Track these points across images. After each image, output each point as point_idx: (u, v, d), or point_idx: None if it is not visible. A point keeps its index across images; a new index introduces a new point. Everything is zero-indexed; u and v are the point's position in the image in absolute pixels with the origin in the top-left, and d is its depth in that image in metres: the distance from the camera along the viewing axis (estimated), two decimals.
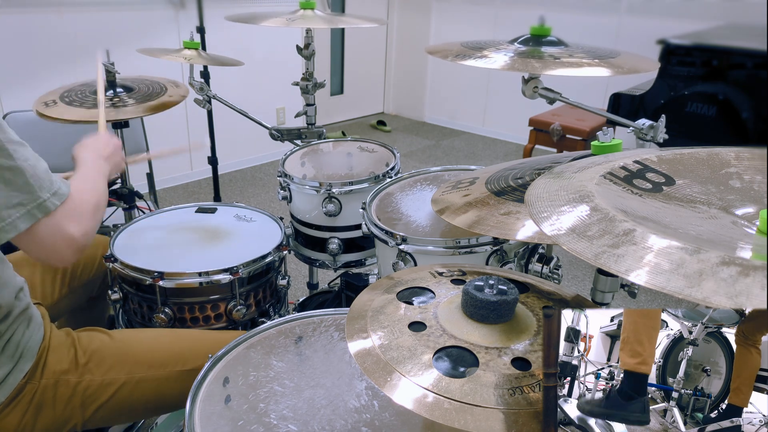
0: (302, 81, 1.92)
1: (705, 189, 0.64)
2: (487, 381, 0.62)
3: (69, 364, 1.04)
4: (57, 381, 1.02)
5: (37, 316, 1.06)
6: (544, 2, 3.67)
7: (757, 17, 2.54)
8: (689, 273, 0.45)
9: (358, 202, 1.39)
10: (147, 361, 1.09)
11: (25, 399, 1.00)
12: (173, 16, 3.52)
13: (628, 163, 0.68)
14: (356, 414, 0.80)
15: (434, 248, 1.15)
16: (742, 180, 0.65)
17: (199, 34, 2.99)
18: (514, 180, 1.03)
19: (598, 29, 4.10)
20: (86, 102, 1.53)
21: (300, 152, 1.74)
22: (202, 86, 1.88)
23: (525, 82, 1.10)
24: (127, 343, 1.12)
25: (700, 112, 2.41)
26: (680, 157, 0.69)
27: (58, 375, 1.03)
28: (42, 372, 1.02)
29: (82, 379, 1.04)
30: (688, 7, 3.69)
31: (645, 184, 0.64)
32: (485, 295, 0.69)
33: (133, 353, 1.09)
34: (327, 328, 1.00)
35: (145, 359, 1.09)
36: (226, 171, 4.08)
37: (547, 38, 1.10)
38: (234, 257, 1.28)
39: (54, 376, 1.02)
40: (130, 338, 1.14)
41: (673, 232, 0.52)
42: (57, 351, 1.05)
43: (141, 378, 1.07)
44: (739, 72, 2.36)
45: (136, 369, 1.07)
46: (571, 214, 0.58)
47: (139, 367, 1.08)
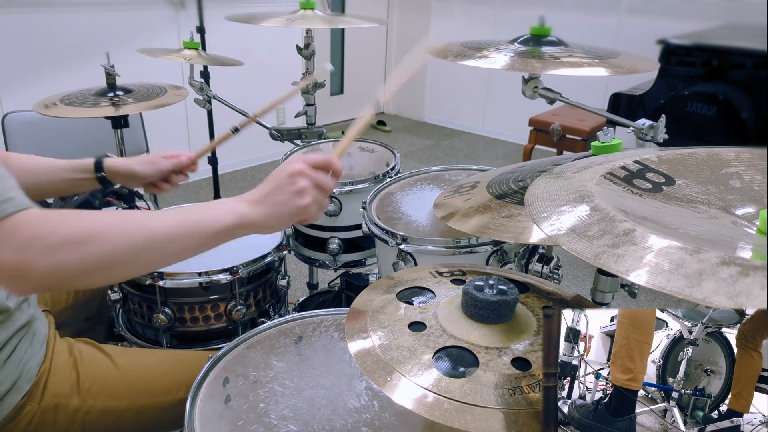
0: (302, 81, 1.92)
1: (705, 189, 0.64)
2: (487, 381, 0.62)
3: (71, 388, 1.01)
4: (57, 405, 0.99)
5: (41, 331, 1.03)
6: (544, 2, 3.67)
7: (757, 17, 2.54)
8: (689, 273, 0.45)
9: (358, 202, 1.39)
10: (150, 389, 1.06)
11: (23, 421, 0.97)
12: (173, 16, 3.52)
13: (628, 163, 0.68)
14: (356, 414, 0.80)
15: (434, 248, 1.15)
16: (742, 180, 0.65)
17: (199, 34, 2.99)
18: (516, 183, 1.03)
19: (598, 29, 4.10)
20: (86, 102, 1.53)
21: (300, 152, 1.74)
22: (202, 86, 1.88)
23: (525, 82, 1.10)
24: (131, 368, 1.08)
25: (700, 112, 2.41)
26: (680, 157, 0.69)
27: (59, 398, 0.99)
28: (42, 394, 0.98)
29: (83, 405, 1.01)
30: (688, 7, 3.69)
31: (645, 184, 0.64)
32: (485, 295, 0.69)
33: (137, 381, 1.06)
34: (327, 328, 1.00)
35: (148, 387, 1.06)
36: (226, 171, 4.08)
37: (547, 38, 1.10)
38: (234, 257, 1.28)
39: (54, 399, 0.99)
40: (133, 365, 1.10)
41: (673, 232, 0.52)
42: (59, 373, 1.02)
43: (143, 405, 1.04)
44: (739, 72, 2.36)
45: (139, 397, 1.04)
46: (571, 214, 0.58)
47: (143, 395, 1.05)
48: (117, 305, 1.36)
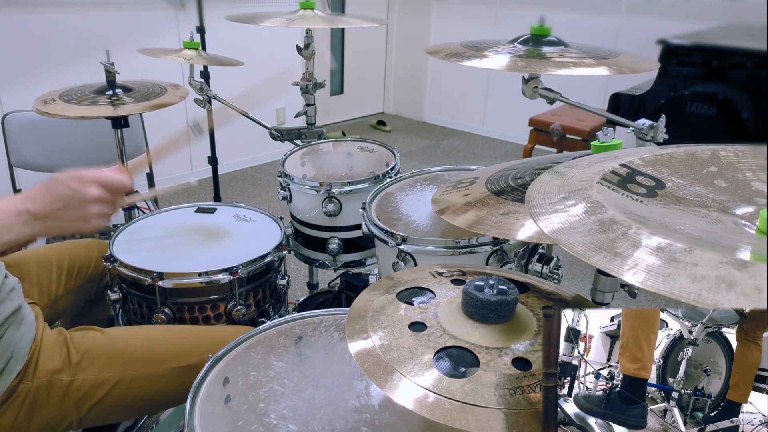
0: (302, 81, 1.92)
1: (695, 191, 0.63)
2: (488, 381, 0.62)
3: (61, 363, 1.03)
4: (50, 381, 1.01)
5: (29, 317, 1.05)
6: (544, 2, 3.67)
7: (757, 17, 2.54)
8: (689, 273, 0.45)
9: (358, 202, 1.39)
10: (141, 358, 1.07)
11: (17, 400, 0.99)
12: (173, 16, 3.52)
13: (616, 167, 0.68)
14: (356, 414, 0.80)
15: (434, 248, 1.15)
16: (727, 179, 0.65)
17: (199, 34, 2.99)
18: (514, 180, 1.03)
19: (598, 29, 4.10)
20: (84, 100, 1.53)
21: (300, 152, 1.74)
22: (202, 86, 1.89)
23: (525, 82, 1.10)
24: (121, 340, 1.10)
25: (700, 112, 2.41)
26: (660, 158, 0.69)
27: (50, 375, 1.02)
28: (34, 372, 1.01)
29: (75, 378, 1.03)
30: (688, 7, 3.69)
31: (639, 189, 0.64)
32: (485, 295, 0.69)
33: (127, 351, 1.08)
34: (327, 328, 1.00)
35: (139, 357, 1.07)
36: (226, 171, 4.08)
37: (547, 38, 1.10)
38: (234, 257, 1.28)
39: (47, 375, 1.01)
40: (123, 336, 1.13)
41: (672, 232, 0.52)
42: (49, 350, 1.04)
43: (135, 376, 1.06)
44: (739, 72, 2.36)
45: (131, 367, 1.06)
46: (570, 214, 0.58)
47: (134, 365, 1.06)
48: (116, 305, 1.36)
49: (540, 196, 0.64)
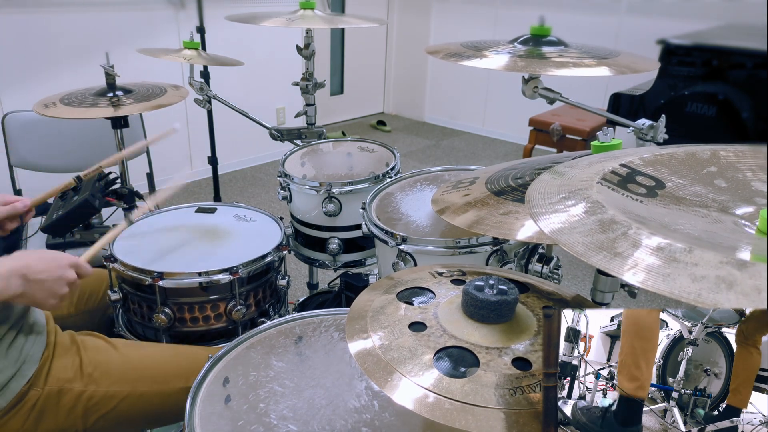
0: (302, 81, 1.92)
1: (695, 191, 0.64)
2: (488, 381, 0.62)
3: (74, 372, 1.05)
4: (61, 389, 1.02)
5: (39, 322, 1.06)
6: (544, 2, 3.67)
7: (757, 17, 2.54)
8: (689, 273, 0.45)
9: (358, 202, 1.39)
10: (150, 376, 1.10)
11: (27, 405, 1.00)
12: (173, 16, 3.52)
13: (616, 167, 0.68)
14: (356, 414, 0.80)
15: (434, 248, 1.15)
16: (727, 179, 0.65)
17: (199, 34, 2.99)
18: (514, 180, 1.03)
19: (598, 29, 4.10)
20: (85, 102, 1.53)
21: (300, 152, 1.74)
22: (202, 86, 1.88)
23: (525, 82, 1.10)
24: (132, 356, 1.13)
25: (700, 112, 2.41)
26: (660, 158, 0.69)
27: (62, 383, 1.03)
28: (46, 379, 1.02)
29: (86, 389, 1.04)
30: (688, 7, 3.69)
31: (640, 189, 0.64)
32: (485, 295, 0.69)
33: (138, 367, 1.11)
34: (327, 328, 1.00)
35: (149, 375, 1.10)
36: (226, 171, 4.08)
37: (547, 38, 1.10)
38: (234, 257, 1.28)
39: (58, 383, 1.02)
40: (134, 352, 1.15)
41: (672, 232, 0.52)
42: (62, 358, 1.05)
43: (144, 392, 1.08)
44: (739, 72, 2.36)
45: (140, 383, 1.09)
46: (570, 214, 0.58)
47: (143, 382, 1.09)
48: (117, 305, 1.36)
49: (540, 196, 0.64)
